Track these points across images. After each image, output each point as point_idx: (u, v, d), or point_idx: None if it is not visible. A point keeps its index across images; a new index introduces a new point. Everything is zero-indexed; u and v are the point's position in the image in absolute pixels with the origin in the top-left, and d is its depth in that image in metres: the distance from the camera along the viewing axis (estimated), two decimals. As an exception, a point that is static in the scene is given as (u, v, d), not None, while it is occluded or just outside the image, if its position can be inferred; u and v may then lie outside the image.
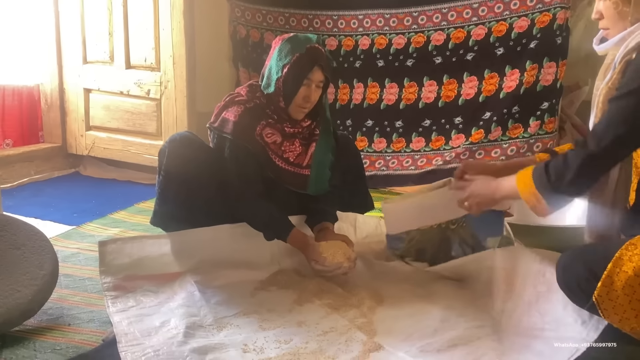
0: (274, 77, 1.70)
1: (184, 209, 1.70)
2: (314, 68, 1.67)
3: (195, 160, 1.71)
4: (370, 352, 1.28)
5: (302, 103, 1.70)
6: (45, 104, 3.21)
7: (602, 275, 1.20)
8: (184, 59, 2.83)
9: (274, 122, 1.73)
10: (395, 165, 2.95)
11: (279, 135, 1.73)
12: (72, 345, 1.40)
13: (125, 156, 3.05)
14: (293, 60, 1.66)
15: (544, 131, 2.71)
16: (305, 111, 1.73)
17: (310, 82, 1.68)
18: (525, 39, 2.69)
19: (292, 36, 1.74)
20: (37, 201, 2.64)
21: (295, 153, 1.76)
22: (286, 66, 1.67)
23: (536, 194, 1.30)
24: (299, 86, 1.67)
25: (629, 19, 1.33)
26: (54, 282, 1.56)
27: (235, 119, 1.69)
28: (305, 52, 1.67)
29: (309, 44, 1.69)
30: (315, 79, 1.69)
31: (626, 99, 1.21)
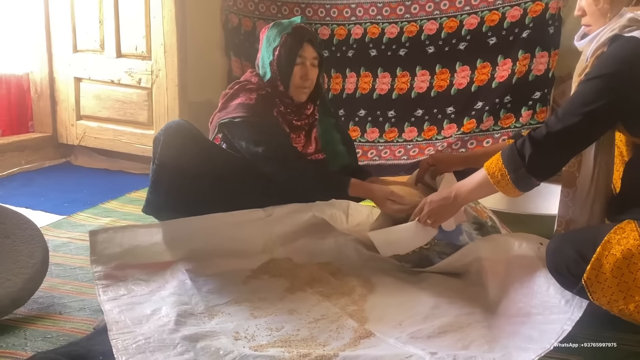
0: (267, 62, 1.71)
1: (177, 199, 1.70)
2: (304, 44, 1.69)
3: (191, 151, 1.69)
4: (361, 338, 1.29)
5: (301, 83, 1.71)
6: (35, 93, 3.18)
7: (592, 258, 1.22)
8: (176, 48, 2.81)
9: (283, 113, 1.75)
10: (387, 155, 2.95)
11: (287, 127, 1.76)
12: (63, 333, 1.40)
13: (116, 146, 3.04)
14: (282, 42, 1.68)
15: (535, 121, 2.71)
16: (305, 91, 1.74)
17: (304, 59, 1.70)
18: (517, 28, 2.68)
19: (276, 22, 1.76)
20: (28, 191, 2.63)
21: (300, 144, 1.80)
22: (276, 49, 1.68)
23: (503, 172, 1.36)
24: (293, 64, 1.68)
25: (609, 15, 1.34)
26: (44, 271, 1.55)
27: (252, 102, 1.70)
28: (292, 31, 1.69)
29: (294, 24, 1.71)
30: (308, 55, 1.70)
31: (593, 81, 1.26)
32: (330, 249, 1.75)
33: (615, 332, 1.35)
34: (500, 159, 1.38)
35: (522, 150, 1.33)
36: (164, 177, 1.69)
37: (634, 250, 1.19)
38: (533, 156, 1.31)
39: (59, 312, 1.51)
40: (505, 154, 1.37)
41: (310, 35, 1.72)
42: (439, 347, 1.23)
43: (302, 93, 1.74)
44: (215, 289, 1.54)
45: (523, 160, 1.32)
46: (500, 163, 1.38)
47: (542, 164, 1.32)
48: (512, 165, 1.35)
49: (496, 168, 1.38)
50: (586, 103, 1.26)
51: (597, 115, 1.26)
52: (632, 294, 1.19)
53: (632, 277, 1.19)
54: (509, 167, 1.35)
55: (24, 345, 1.34)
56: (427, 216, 1.54)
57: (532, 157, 1.31)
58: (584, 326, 1.31)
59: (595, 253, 1.23)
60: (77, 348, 1.28)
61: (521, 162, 1.33)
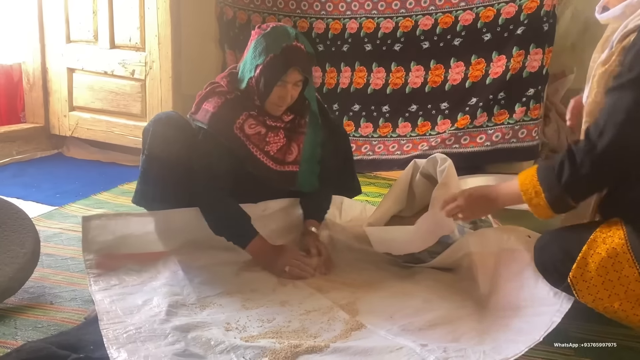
0: (247, 75, 1.64)
1: (166, 189, 1.69)
2: (289, 70, 1.58)
3: (179, 142, 1.67)
4: (352, 330, 1.29)
5: (278, 102, 1.63)
6: (28, 84, 3.16)
7: (577, 257, 1.23)
8: (170, 39, 2.79)
9: (256, 115, 1.68)
10: (381, 150, 2.96)
11: (263, 127, 1.68)
12: (54, 323, 1.39)
13: (109, 137, 3.02)
14: (266, 61, 1.58)
15: (529, 117, 2.73)
16: (282, 109, 1.67)
17: (286, 83, 1.60)
18: (512, 25, 2.69)
19: (270, 31, 1.63)
20: (19, 182, 2.61)
21: (278, 145, 1.70)
22: (259, 67, 1.59)
23: (538, 190, 1.23)
24: (272, 88, 1.59)
25: None
26: (35, 261, 1.55)
27: (213, 110, 1.64)
28: (280, 52, 1.57)
29: (285, 43, 1.57)
30: (290, 80, 1.60)
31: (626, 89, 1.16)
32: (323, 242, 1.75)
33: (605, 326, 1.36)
34: (535, 175, 1.26)
35: (560, 167, 1.20)
36: (153, 167, 1.67)
37: (619, 249, 1.20)
38: (573, 174, 1.18)
39: (50, 302, 1.50)
40: (542, 170, 1.25)
41: (298, 62, 1.58)
42: (430, 339, 1.23)
43: (277, 109, 1.67)
44: (207, 280, 1.53)
45: (559, 178, 1.20)
46: (535, 179, 1.25)
47: (582, 183, 1.20)
48: (548, 183, 1.23)
49: (530, 185, 1.26)
50: (623, 114, 1.14)
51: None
52: (617, 292, 1.20)
53: (617, 275, 1.20)
54: (544, 185, 1.23)
55: (14, 335, 1.33)
56: (459, 209, 1.43)
57: (572, 176, 1.18)
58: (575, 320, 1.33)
59: (581, 251, 1.23)
60: (67, 337, 1.28)
61: (557, 180, 1.20)
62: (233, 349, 1.20)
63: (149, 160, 1.68)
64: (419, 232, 1.57)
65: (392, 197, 1.78)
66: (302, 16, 3.08)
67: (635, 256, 1.19)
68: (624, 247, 1.20)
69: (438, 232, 1.58)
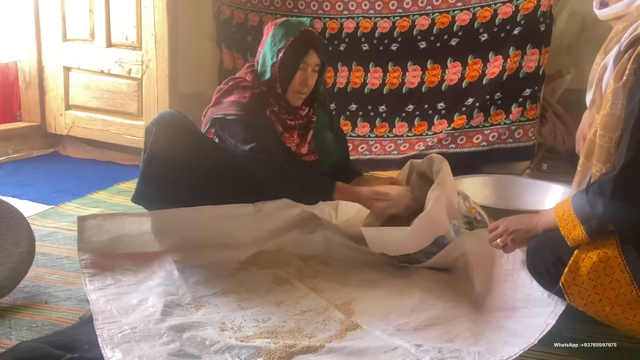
0: (269, 62, 1.68)
1: (167, 190, 1.68)
2: (310, 51, 1.66)
3: (183, 143, 1.67)
4: (347, 330, 1.30)
5: (300, 88, 1.69)
6: (24, 82, 3.15)
7: (569, 261, 1.23)
8: (166, 38, 2.78)
9: (277, 112, 1.74)
10: (378, 150, 2.96)
11: (280, 126, 1.74)
12: (49, 322, 1.39)
13: (105, 136, 3.01)
14: (288, 45, 1.65)
15: (525, 118, 2.73)
16: (302, 97, 1.72)
17: (307, 65, 1.67)
18: (509, 25, 2.70)
19: (285, 20, 1.72)
20: (15, 180, 2.60)
21: (294, 144, 1.78)
22: (281, 51, 1.65)
23: (576, 224, 1.22)
24: (295, 70, 1.66)
25: None
26: (30, 260, 1.54)
27: (245, 100, 1.69)
28: (300, 35, 1.65)
29: (302, 27, 1.67)
30: (311, 62, 1.68)
31: None
32: (318, 242, 1.75)
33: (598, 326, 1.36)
34: (570, 208, 1.23)
35: (594, 197, 1.18)
36: (154, 167, 1.67)
37: (610, 253, 1.20)
38: (607, 205, 1.16)
39: (45, 302, 1.50)
40: (576, 201, 1.23)
41: (317, 42, 1.69)
42: (425, 340, 1.24)
43: (298, 98, 1.73)
44: (203, 280, 1.53)
45: (594, 208, 1.18)
46: (571, 212, 1.23)
47: (620, 210, 1.17)
48: (584, 215, 1.20)
49: (568, 218, 1.24)
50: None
51: None
52: (608, 296, 1.21)
53: (608, 279, 1.20)
54: (581, 217, 1.21)
55: (8, 334, 1.33)
56: (504, 239, 1.37)
57: (606, 206, 1.16)
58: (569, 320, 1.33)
59: (573, 256, 1.24)
60: (62, 337, 1.28)
61: (592, 211, 1.19)
62: (228, 349, 1.20)
63: (151, 159, 1.67)
64: (415, 233, 1.57)
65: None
66: (299, 16, 3.07)
67: (626, 260, 1.19)
68: (615, 252, 1.20)
69: (433, 232, 1.58)
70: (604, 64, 1.30)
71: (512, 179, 2.37)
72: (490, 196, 2.23)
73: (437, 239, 1.60)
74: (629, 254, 1.19)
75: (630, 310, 1.20)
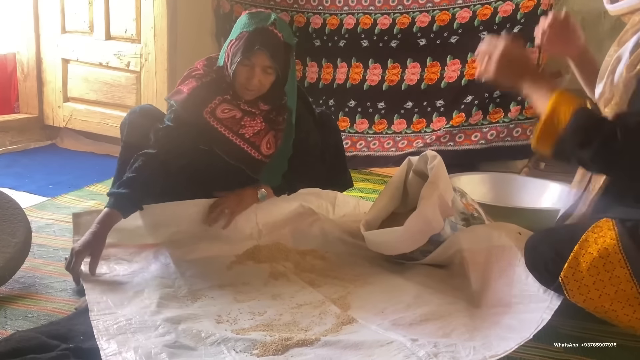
0: (223, 50, 1.66)
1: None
2: (256, 51, 1.56)
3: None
4: (343, 324, 1.30)
5: (245, 83, 1.61)
6: (22, 74, 3.14)
7: (569, 256, 1.24)
8: (166, 32, 2.77)
9: (231, 99, 1.66)
10: (376, 147, 2.96)
11: (239, 112, 1.67)
12: (44, 313, 1.39)
13: (103, 129, 3.00)
14: (238, 36, 1.59)
15: (524, 116, 2.74)
16: (251, 94, 1.64)
17: (252, 63, 1.58)
18: (509, 23, 2.70)
19: (252, 12, 1.65)
20: (12, 172, 2.60)
21: (255, 129, 1.68)
22: (231, 42, 1.61)
23: (561, 127, 1.15)
24: (235, 64, 1.58)
25: None
26: (26, 251, 1.54)
27: (186, 92, 1.65)
28: (253, 31, 1.57)
29: (260, 25, 1.57)
30: (257, 62, 1.58)
31: None
32: (315, 236, 1.76)
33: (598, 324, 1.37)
34: (572, 111, 1.14)
35: (598, 125, 1.13)
36: (130, 156, 1.63)
37: (610, 249, 1.20)
38: (605, 142, 1.11)
39: (41, 292, 1.49)
40: (581, 113, 1.15)
41: (267, 44, 1.57)
42: (420, 334, 1.24)
43: (246, 93, 1.65)
44: (199, 273, 1.53)
45: (589, 133, 1.12)
46: (569, 113, 1.14)
47: (610, 155, 1.14)
48: (576, 127, 1.14)
49: (562, 113, 1.15)
50: None
51: None
52: (607, 292, 1.21)
53: (608, 275, 1.21)
54: (571, 127, 1.14)
55: (3, 324, 1.32)
56: (492, 62, 1.26)
57: (604, 143, 1.12)
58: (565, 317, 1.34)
59: (573, 251, 1.24)
60: (57, 327, 1.27)
61: (584, 133, 1.12)
62: (224, 341, 1.20)
63: (126, 149, 1.67)
64: (408, 232, 1.57)
65: (387, 195, 1.78)
66: (299, 11, 3.07)
67: (626, 256, 1.20)
68: (615, 248, 1.21)
69: (428, 230, 1.58)
70: (617, 56, 1.29)
71: (509, 177, 2.38)
72: (487, 194, 2.23)
73: (433, 237, 1.60)
74: (629, 250, 1.19)
75: (630, 306, 1.20)
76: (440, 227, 1.60)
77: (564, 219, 1.51)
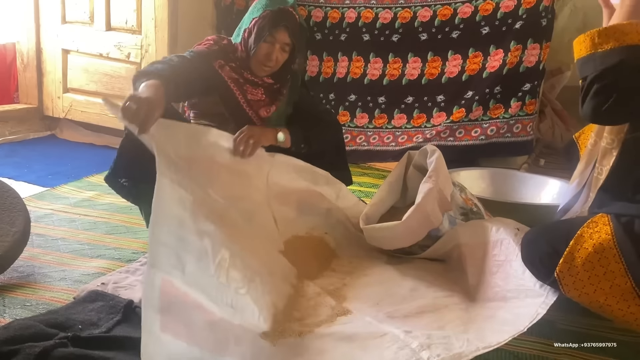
0: (242, 27, 1.71)
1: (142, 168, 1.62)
2: (280, 28, 1.65)
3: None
4: (338, 316, 1.30)
5: (264, 60, 1.68)
6: (22, 64, 3.13)
7: (564, 252, 1.24)
8: (166, 23, 2.77)
9: (235, 66, 1.71)
10: (376, 141, 2.96)
11: (241, 78, 1.71)
12: (43, 302, 1.39)
13: (103, 120, 3.00)
14: (261, 15, 1.66)
15: (524, 112, 2.73)
16: (266, 70, 1.70)
17: (274, 40, 1.66)
18: (510, 19, 2.69)
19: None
20: (11, 162, 2.60)
21: (256, 97, 1.72)
22: (254, 19, 1.67)
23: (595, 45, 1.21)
24: (260, 40, 1.65)
25: None
26: (25, 240, 1.54)
27: (198, 46, 1.69)
28: (277, 10, 1.66)
29: (282, 5, 1.67)
30: (279, 39, 1.66)
31: None
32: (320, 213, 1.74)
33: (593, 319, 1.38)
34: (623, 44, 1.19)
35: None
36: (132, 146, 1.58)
37: (605, 244, 1.21)
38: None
39: (39, 281, 1.50)
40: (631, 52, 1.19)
41: (290, 22, 1.67)
42: (415, 327, 1.24)
43: (261, 69, 1.71)
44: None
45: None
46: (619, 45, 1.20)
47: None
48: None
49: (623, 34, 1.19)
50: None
51: None
52: (602, 287, 1.22)
53: (603, 270, 1.21)
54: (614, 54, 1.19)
55: (2, 312, 1.33)
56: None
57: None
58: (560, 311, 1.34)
59: (568, 247, 1.24)
60: (56, 316, 1.28)
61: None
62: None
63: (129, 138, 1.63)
64: (407, 227, 1.57)
65: (386, 189, 1.78)
66: (300, 4, 3.06)
67: (621, 252, 1.20)
68: (610, 243, 1.21)
69: (426, 225, 1.58)
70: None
71: (509, 173, 2.38)
72: (487, 189, 2.23)
73: (431, 232, 1.60)
74: (624, 246, 1.20)
75: (624, 301, 1.21)
76: (439, 221, 1.60)
77: (562, 214, 1.51)
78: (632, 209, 1.24)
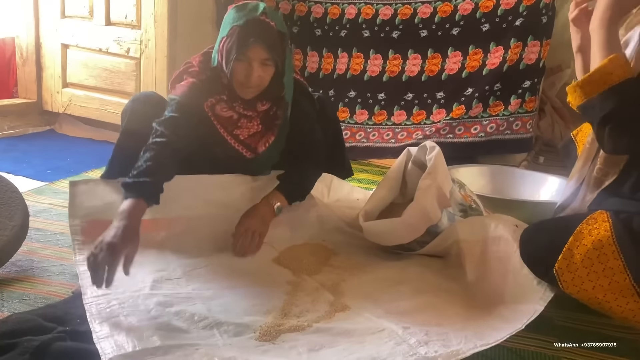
0: (215, 49, 1.59)
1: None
2: (251, 44, 1.49)
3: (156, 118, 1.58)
4: (336, 311, 1.30)
5: (244, 81, 1.54)
6: (21, 58, 3.13)
7: (563, 248, 1.24)
8: (166, 18, 2.76)
9: (227, 100, 1.60)
10: (375, 138, 2.95)
11: (235, 113, 1.62)
12: (41, 296, 1.39)
13: (102, 115, 3.00)
14: (229, 33, 1.51)
15: (524, 110, 2.73)
16: (251, 91, 1.57)
17: (248, 59, 1.51)
18: (511, 16, 2.68)
19: (239, 5, 1.56)
20: (10, 156, 2.60)
21: (250, 131, 1.63)
22: (223, 39, 1.53)
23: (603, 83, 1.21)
24: (230, 62, 1.51)
25: None
26: (23, 234, 1.54)
27: (187, 86, 1.59)
28: (244, 24, 1.49)
29: (250, 16, 1.49)
30: (254, 56, 1.50)
31: None
32: (313, 223, 1.75)
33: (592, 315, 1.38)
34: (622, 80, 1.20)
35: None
36: (130, 143, 1.58)
37: (604, 241, 1.21)
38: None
39: (38, 275, 1.50)
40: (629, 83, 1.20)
41: (262, 34, 1.50)
42: (413, 323, 1.24)
43: (246, 91, 1.57)
44: (194, 255, 1.52)
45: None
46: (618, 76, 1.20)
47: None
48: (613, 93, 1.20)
49: (615, 75, 1.20)
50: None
51: None
52: (601, 283, 1.22)
53: (602, 267, 1.21)
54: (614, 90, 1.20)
55: (0, 306, 1.33)
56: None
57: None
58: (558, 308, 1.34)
59: (567, 243, 1.25)
60: (54, 310, 1.28)
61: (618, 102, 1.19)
62: (216, 325, 1.21)
63: (126, 135, 1.62)
64: (406, 223, 1.57)
65: (386, 186, 1.78)
66: (300, 0, 3.05)
67: (620, 248, 1.20)
68: (609, 239, 1.21)
69: (425, 222, 1.59)
70: (626, 40, 1.30)
71: (508, 170, 2.38)
72: (486, 186, 2.24)
73: (430, 228, 1.60)
74: (623, 242, 1.20)
75: (623, 297, 1.21)
76: (438, 218, 1.60)
77: (560, 211, 1.51)
78: (631, 206, 1.25)
